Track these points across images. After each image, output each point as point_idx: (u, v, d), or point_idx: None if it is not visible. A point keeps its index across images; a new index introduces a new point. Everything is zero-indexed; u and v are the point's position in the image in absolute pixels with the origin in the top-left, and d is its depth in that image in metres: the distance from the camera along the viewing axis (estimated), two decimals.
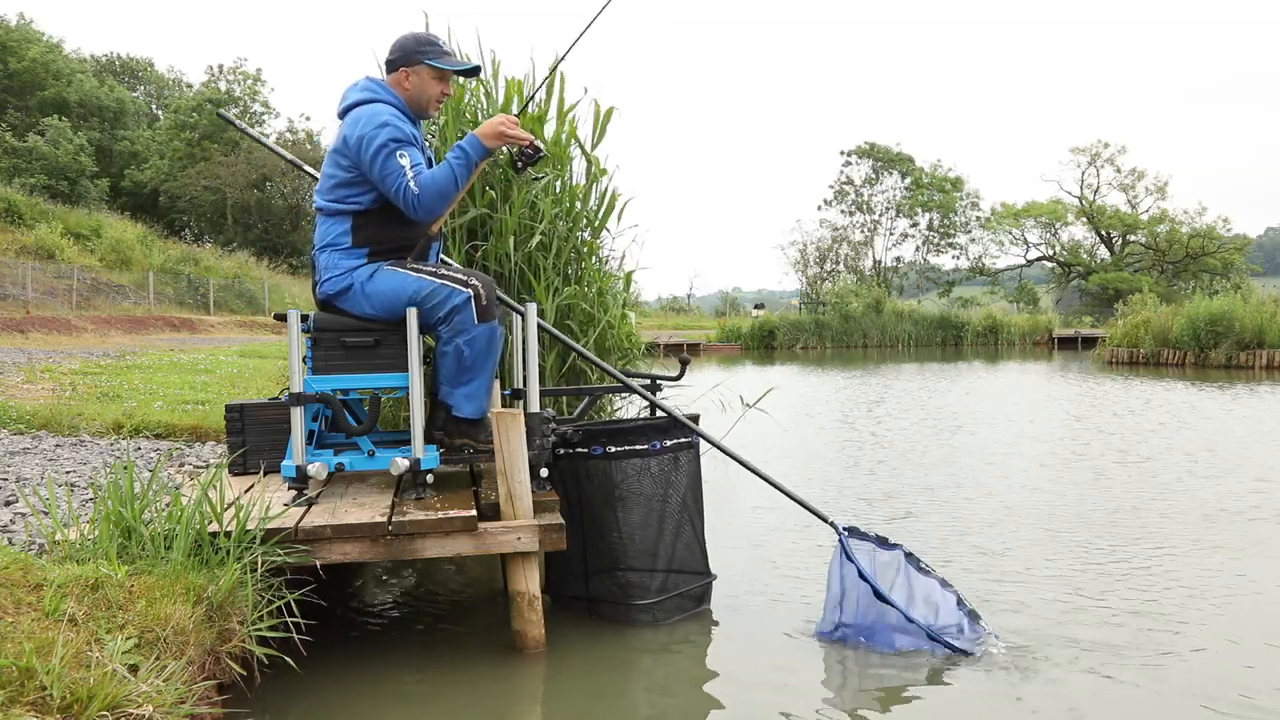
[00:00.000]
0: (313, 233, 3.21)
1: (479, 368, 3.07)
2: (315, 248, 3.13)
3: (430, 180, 2.93)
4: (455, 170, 2.94)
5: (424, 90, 3.11)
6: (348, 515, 2.82)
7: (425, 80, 3.10)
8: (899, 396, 12.68)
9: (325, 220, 3.10)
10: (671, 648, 3.08)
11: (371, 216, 3.06)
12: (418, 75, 3.09)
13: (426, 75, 3.10)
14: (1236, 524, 4.73)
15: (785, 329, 33.25)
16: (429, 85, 3.11)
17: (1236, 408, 10.39)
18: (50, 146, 33.08)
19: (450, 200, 3.00)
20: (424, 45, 3.10)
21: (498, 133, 2.98)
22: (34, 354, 12.11)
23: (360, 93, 3.09)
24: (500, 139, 2.99)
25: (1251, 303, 19.25)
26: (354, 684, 2.77)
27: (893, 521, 4.86)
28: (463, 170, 2.96)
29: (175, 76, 50.12)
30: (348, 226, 3.06)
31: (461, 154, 2.96)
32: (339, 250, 3.06)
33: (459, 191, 2.99)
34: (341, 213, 3.06)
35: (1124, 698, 2.63)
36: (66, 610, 2.02)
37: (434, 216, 3.04)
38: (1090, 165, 47.69)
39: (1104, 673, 2.79)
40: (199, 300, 29.07)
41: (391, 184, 2.93)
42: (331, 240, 3.07)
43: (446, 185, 2.94)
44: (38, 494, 2.92)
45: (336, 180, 3.05)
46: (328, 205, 3.08)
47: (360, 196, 3.04)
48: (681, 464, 3.40)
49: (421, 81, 3.10)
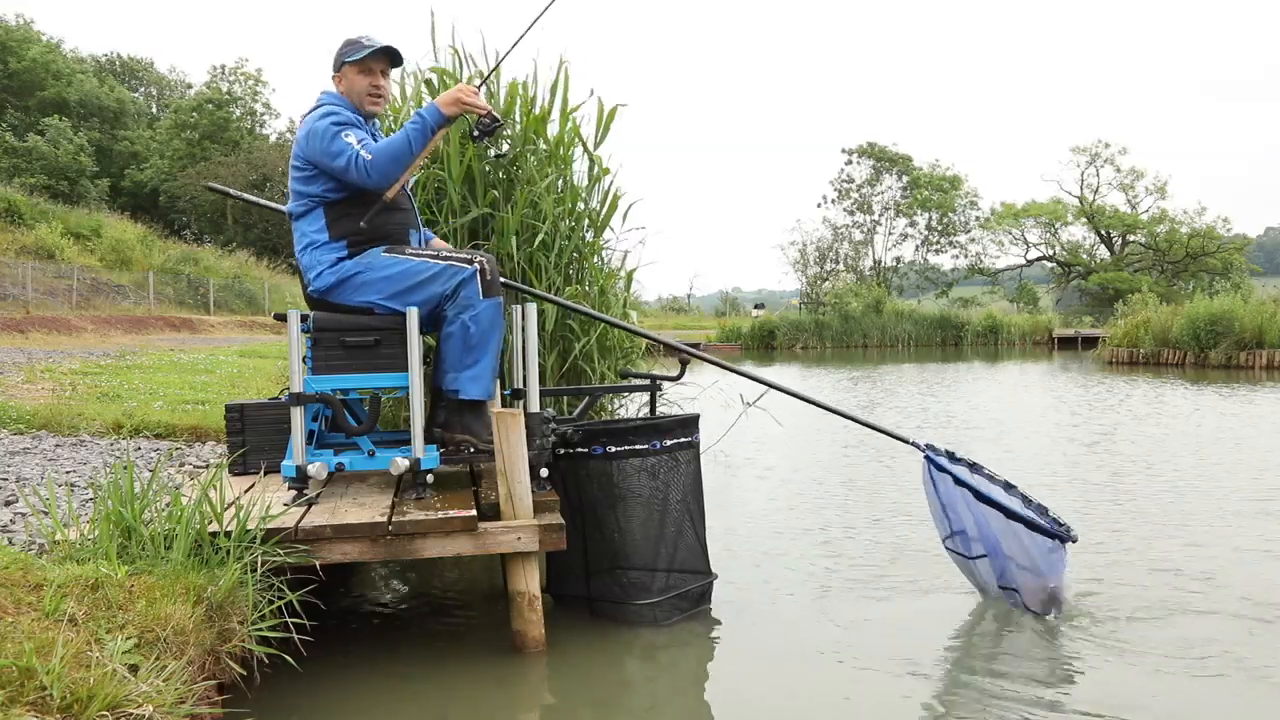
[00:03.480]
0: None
1: (484, 346, 3.11)
2: (296, 253, 3.21)
3: (381, 148, 3.02)
4: (410, 135, 3.00)
5: (353, 87, 3.23)
6: (348, 515, 2.82)
7: (351, 78, 3.23)
8: (903, 398, 12.68)
9: (299, 223, 3.19)
10: (672, 648, 3.08)
11: (342, 207, 3.13)
12: (345, 77, 3.24)
13: (350, 72, 3.23)
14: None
15: (785, 329, 33.24)
16: (356, 81, 3.23)
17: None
18: (50, 146, 33.07)
19: (404, 165, 3.04)
20: (344, 47, 3.25)
21: (454, 99, 3.05)
22: (34, 354, 12.10)
23: (310, 106, 3.24)
24: (457, 105, 3.04)
25: (1251, 303, 19.25)
26: (354, 684, 2.77)
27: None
28: (417, 135, 3.01)
29: (176, 77, 50.20)
30: (322, 222, 3.14)
31: (419, 120, 3.02)
32: (318, 246, 3.13)
33: (413, 156, 3.04)
34: (311, 209, 3.15)
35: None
36: (66, 610, 2.01)
37: (388, 182, 3.07)
38: (1090, 165, 47.68)
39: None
40: (199, 300, 29.05)
41: (343, 159, 3.01)
42: (310, 239, 3.15)
43: (399, 149, 3.00)
44: (38, 494, 2.92)
45: (299, 180, 3.16)
46: (298, 208, 3.18)
47: (321, 188, 3.12)
48: (681, 463, 3.40)
49: (349, 80, 3.23)
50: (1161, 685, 2.72)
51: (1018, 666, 2.87)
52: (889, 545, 4.41)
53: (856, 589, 3.73)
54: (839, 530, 4.73)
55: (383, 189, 3.10)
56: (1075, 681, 2.76)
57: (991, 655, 2.99)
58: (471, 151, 4.48)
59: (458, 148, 4.48)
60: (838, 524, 4.87)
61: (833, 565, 4.09)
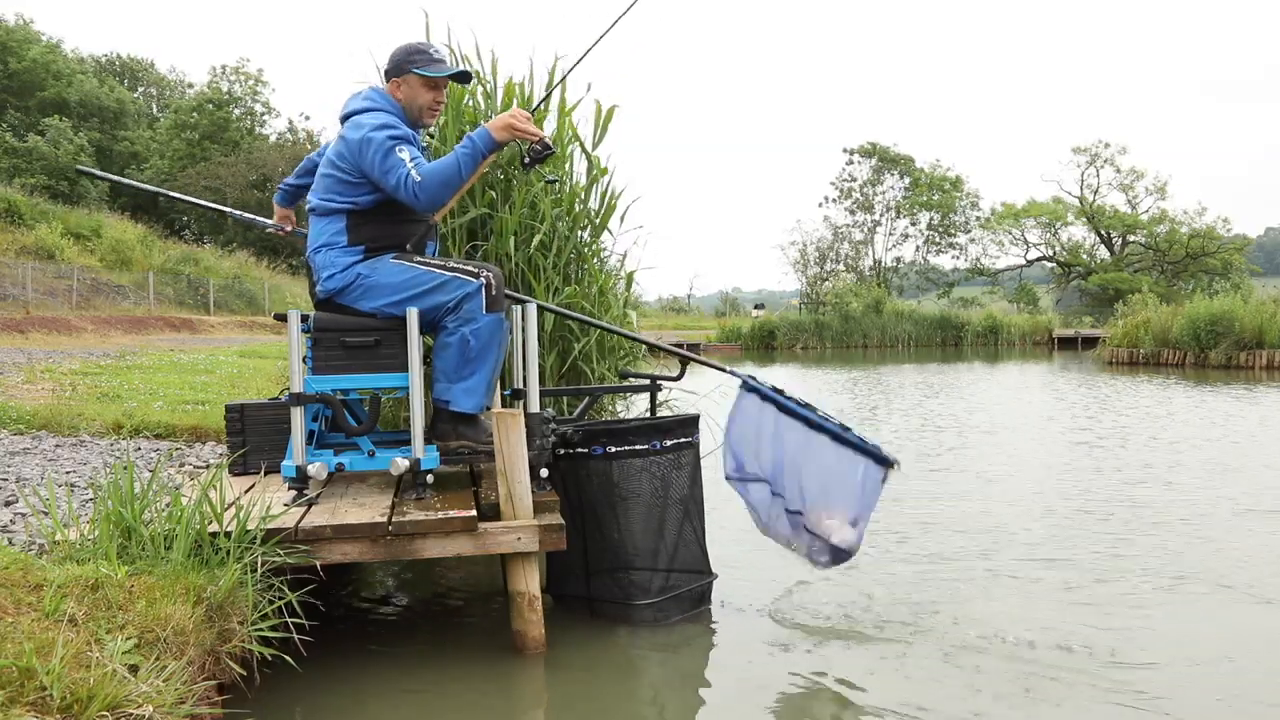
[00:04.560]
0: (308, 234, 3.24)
1: (481, 360, 3.08)
2: (310, 249, 3.17)
3: (432, 170, 2.95)
4: (460, 160, 2.95)
5: (415, 99, 3.16)
6: (348, 515, 2.82)
7: (415, 89, 3.15)
8: (908, 397, 12.68)
9: (319, 220, 3.14)
10: (672, 648, 3.08)
11: (367, 215, 3.10)
12: (408, 84, 3.15)
13: (416, 84, 3.14)
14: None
15: (785, 329, 33.25)
16: (419, 94, 3.16)
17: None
18: (50, 146, 33.07)
19: (453, 189, 3.01)
20: (412, 55, 3.15)
21: (507, 125, 2.99)
22: (34, 354, 12.10)
23: (361, 101, 3.16)
24: (510, 132, 3.00)
25: (1251, 303, 19.25)
26: (354, 684, 2.77)
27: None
28: (468, 160, 2.96)
29: (176, 77, 50.20)
30: (343, 225, 3.10)
31: (469, 144, 2.97)
32: (335, 249, 3.10)
33: (463, 181, 3.00)
34: (336, 211, 3.10)
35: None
36: (66, 610, 2.01)
37: (437, 206, 3.04)
38: (1090, 165, 47.68)
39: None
40: (199, 300, 29.05)
41: (393, 177, 2.95)
42: (327, 240, 3.11)
43: (449, 174, 2.95)
44: (38, 494, 2.92)
45: (335, 180, 3.09)
46: (322, 204, 3.12)
47: (358, 196, 3.08)
48: (682, 463, 3.40)
49: (412, 90, 3.15)
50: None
51: (1021, 657, 2.87)
52: (889, 545, 4.41)
53: (858, 588, 3.73)
54: None
55: (430, 213, 3.10)
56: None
57: (994, 654, 2.99)
58: None
59: None
60: None
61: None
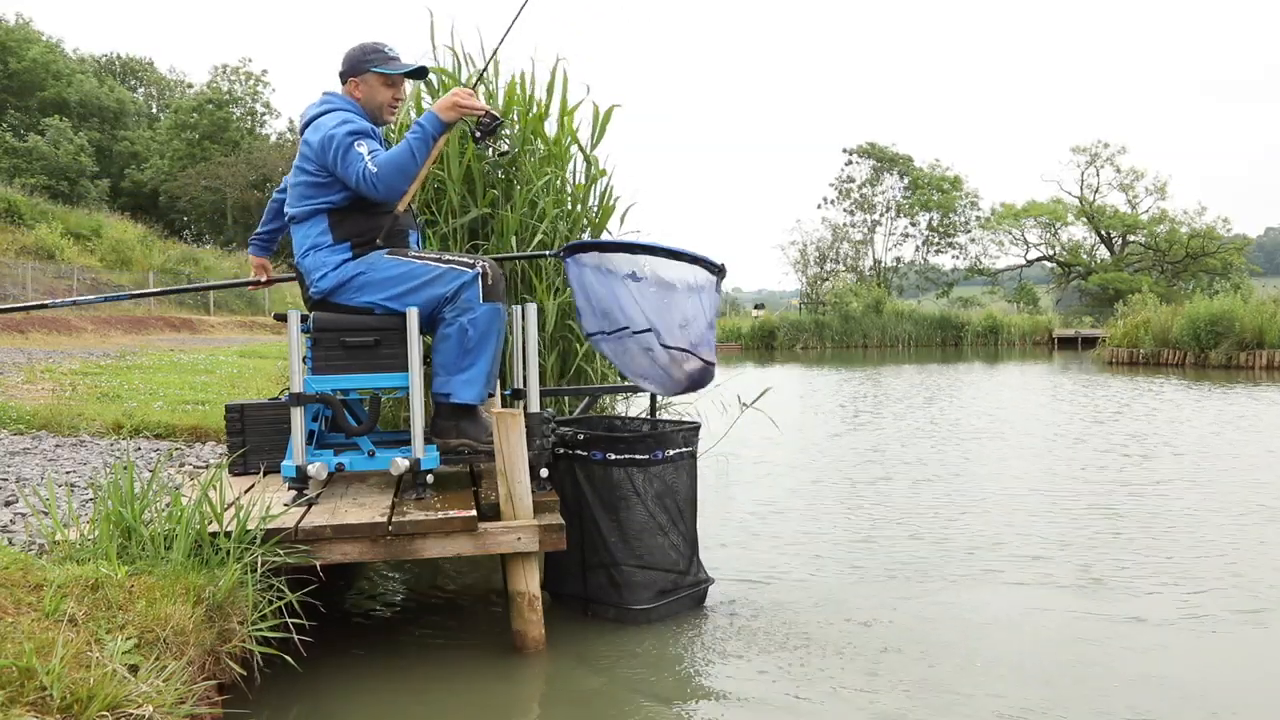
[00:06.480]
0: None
1: (480, 349, 3.08)
2: (298, 256, 3.17)
3: (387, 159, 2.97)
4: (412, 146, 2.97)
5: (374, 96, 3.20)
6: (348, 515, 2.82)
7: (374, 87, 3.19)
8: (908, 398, 12.68)
9: (301, 227, 3.16)
10: (670, 649, 3.08)
11: (346, 213, 3.12)
12: (366, 83, 3.19)
13: (374, 82, 3.18)
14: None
15: (785, 329, 33.24)
16: (378, 91, 3.19)
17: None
18: (50, 146, 33.10)
19: (411, 177, 3.01)
20: (369, 54, 3.19)
21: (452, 104, 3.01)
22: (34, 354, 12.10)
23: (319, 106, 3.19)
24: (455, 110, 3.01)
25: (1251, 303, 19.25)
26: (354, 684, 2.77)
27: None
28: (420, 145, 2.97)
29: (177, 77, 50.20)
30: (325, 225, 3.12)
31: (419, 129, 2.99)
32: (323, 249, 3.11)
33: (419, 167, 3.01)
34: (316, 213, 3.12)
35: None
36: (66, 610, 2.01)
37: (396, 194, 3.05)
38: (1090, 165, 47.65)
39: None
40: (199, 300, 29.05)
41: (352, 172, 2.98)
42: (313, 242, 3.13)
43: (404, 161, 2.96)
44: (38, 494, 2.92)
45: (306, 184, 3.12)
46: (300, 211, 3.14)
47: (331, 195, 3.10)
48: (680, 468, 3.40)
49: (370, 89, 3.19)
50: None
51: (1024, 660, 2.87)
52: (890, 545, 4.41)
53: (857, 589, 3.73)
54: (839, 530, 4.73)
55: (392, 202, 3.09)
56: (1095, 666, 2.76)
57: (998, 654, 2.99)
58: (471, 151, 4.48)
59: (457, 148, 4.49)
60: (838, 524, 4.87)
61: (833, 565, 4.09)
